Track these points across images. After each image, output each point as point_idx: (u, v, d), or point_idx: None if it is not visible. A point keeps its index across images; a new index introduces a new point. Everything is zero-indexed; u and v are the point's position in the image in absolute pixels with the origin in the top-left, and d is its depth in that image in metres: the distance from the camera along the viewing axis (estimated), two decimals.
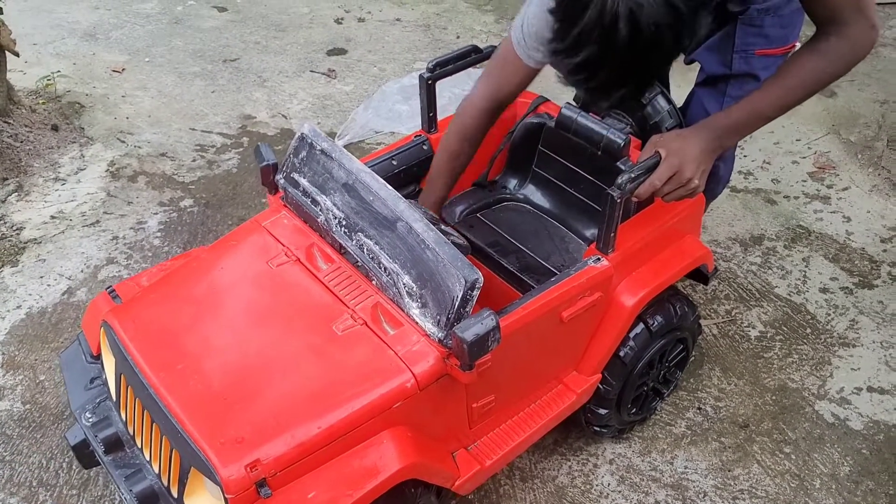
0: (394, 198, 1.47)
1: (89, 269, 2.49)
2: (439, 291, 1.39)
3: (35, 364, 2.19)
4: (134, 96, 3.34)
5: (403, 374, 1.39)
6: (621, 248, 1.64)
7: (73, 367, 1.61)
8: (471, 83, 3.17)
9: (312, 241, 1.59)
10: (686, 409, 2.12)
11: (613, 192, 1.53)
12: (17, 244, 2.58)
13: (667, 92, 1.88)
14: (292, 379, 1.39)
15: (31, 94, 3.25)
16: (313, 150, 1.58)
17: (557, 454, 2.00)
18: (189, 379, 1.37)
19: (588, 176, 1.94)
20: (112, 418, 1.50)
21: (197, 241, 2.60)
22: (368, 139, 3.09)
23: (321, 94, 3.39)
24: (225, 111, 3.26)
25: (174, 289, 1.56)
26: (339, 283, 1.51)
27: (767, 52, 1.81)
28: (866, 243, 2.64)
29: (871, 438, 2.06)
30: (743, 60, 1.82)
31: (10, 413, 2.06)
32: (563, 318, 1.59)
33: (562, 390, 1.76)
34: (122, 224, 2.67)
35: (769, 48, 1.81)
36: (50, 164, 2.91)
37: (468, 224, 1.98)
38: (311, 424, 1.33)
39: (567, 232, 2.00)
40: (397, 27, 3.90)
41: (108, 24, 3.88)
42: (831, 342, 2.31)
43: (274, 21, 3.93)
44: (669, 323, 1.82)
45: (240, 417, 1.33)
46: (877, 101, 3.30)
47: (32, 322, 2.31)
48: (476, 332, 1.31)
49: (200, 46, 3.71)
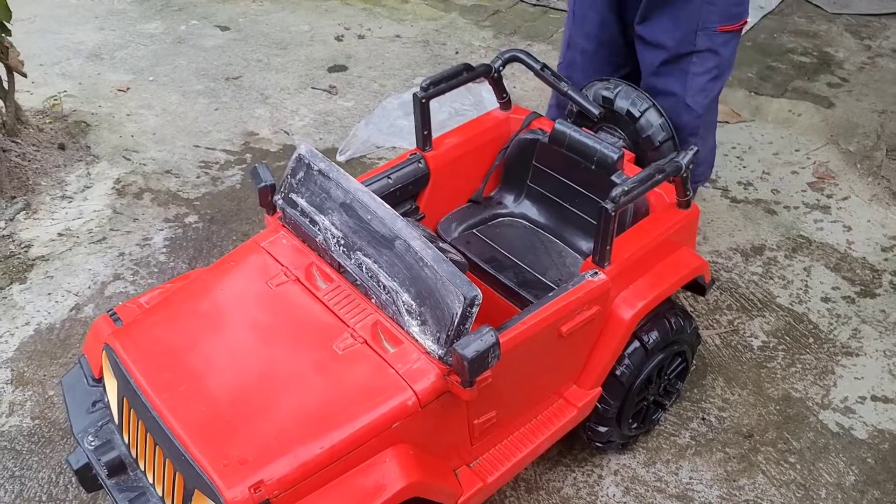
0: (391, 216, 1.49)
1: (96, 285, 2.52)
2: (438, 309, 1.40)
3: (44, 380, 2.21)
4: (139, 115, 3.38)
5: (404, 392, 1.40)
6: (617, 261, 1.65)
7: (74, 390, 1.61)
8: (471, 98, 3.24)
9: (311, 261, 1.60)
10: (690, 420, 2.12)
11: (607, 205, 1.54)
12: (26, 261, 2.61)
13: (658, 105, 1.89)
14: (294, 399, 1.40)
15: (39, 113, 3.29)
16: (311, 171, 1.60)
17: (562, 465, 2.01)
18: (191, 401, 1.38)
19: (582, 190, 1.95)
20: (115, 441, 1.51)
21: (202, 257, 2.63)
22: (370, 154, 3.11)
23: (322, 110, 3.42)
24: (228, 128, 3.29)
25: (175, 310, 1.57)
26: (339, 302, 1.53)
27: (726, 28, 2.04)
28: (867, 252, 2.64)
29: (877, 447, 2.06)
30: (706, 37, 2.03)
31: (19, 428, 2.08)
32: (562, 332, 1.60)
33: (563, 405, 1.77)
34: (128, 240, 2.69)
35: (728, 24, 2.04)
36: (57, 183, 2.94)
37: (465, 241, 1.99)
38: (314, 444, 1.34)
39: (563, 246, 2.01)
40: (397, 43, 3.93)
41: (113, 44, 3.93)
42: (834, 351, 2.31)
43: (275, 39, 3.97)
44: (666, 338, 1.83)
45: (243, 438, 1.34)
46: (875, 111, 3.31)
47: (41, 338, 2.34)
48: (476, 349, 1.32)
49: (203, 65, 3.75)
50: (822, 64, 3.65)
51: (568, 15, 2.34)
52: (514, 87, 3.50)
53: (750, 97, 3.41)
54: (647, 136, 1.91)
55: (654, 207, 1.84)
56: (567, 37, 2.33)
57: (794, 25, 3.96)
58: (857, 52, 3.75)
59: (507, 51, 2.00)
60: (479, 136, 2.05)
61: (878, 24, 3.97)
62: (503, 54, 1.99)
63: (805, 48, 3.75)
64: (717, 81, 2.14)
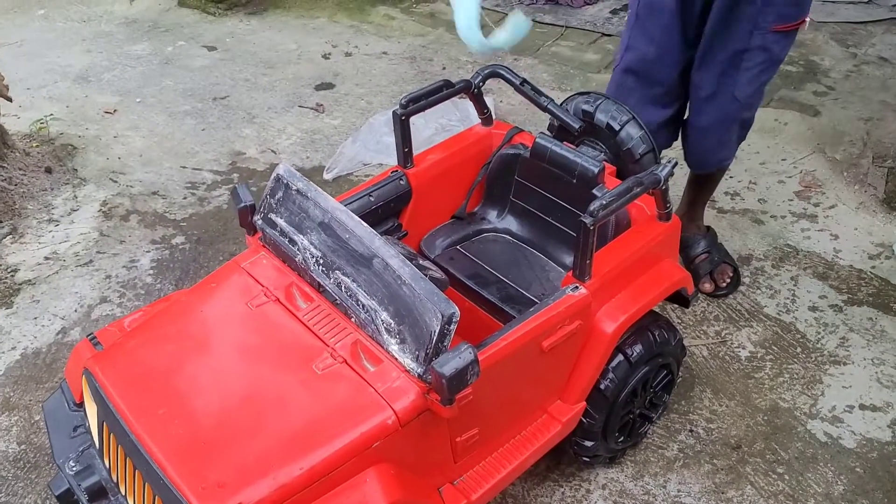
0: (369, 235, 1.49)
1: (83, 308, 2.51)
2: (417, 327, 1.40)
3: (30, 405, 2.20)
4: (126, 136, 3.38)
5: (384, 412, 1.39)
6: (598, 275, 1.65)
7: (56, 415, 1.61)
8: (458, 114, 3.24)
9: (291, 281, 1.60)
10: (678, 432, 2.12)
11: (586, 219, 1.54)
12: (12, 286, 2.61)
13: (638, 118, 1.90)
14: (273, 420, 1.39)
15: (25, 137, 3.29)
16: (289, 191, 1.60)
17: (550, 480, 2.00)
18: (170, 423, 1.37)
19: (565, 204, 1.95)
20: (96, 466, 1.50)
21: (189, 278, 2.62)
22: (357, 172, 3.11)
23: (310, 128, 3.43)
24: (215, 148, 3.30)
25: (155, 333, 1.57)
26: (319, 321, 1.52)
27: (780, 27, 2.07)
28: (854, 260, 2.64)
29: (865, 456, 2.05)
30: (760, 36, 2.07)
31: (5, 454, 2.07)
32: (543, 347, 1.60)
33: (547, 420, 1.76)
34: (114, 263, 2.69)
35: (782, 24, 2.07)
36: (44, 206, 2.94)
37: (448, 257, 1.99)
38: (294, 465, 1.33)
39: (547, 261, 2.01)
40: (384, 60, 3.94)
41: (100, 66, 3.94)
42: (822, 360, 2.31)
43: (262, 58, 3.98)
44: (650, 351, 1.82)
45: (221, 461, 1.33)
46: (861, 119, 3.32)
47: (27, 363, 2.33)
48: (454, 367, 1.32)
49: (191, 85, 3.76)
50: (807, 72, 3.67)
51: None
52: (501, 102, 3.51)
53: None
54: (627, 148, 1.91)
55: (635, 220, 1.85)
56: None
57: None
58: (842, 60, 3.77)
59: (488, 66, 2.01)
60: (461, 151, 2.05)
61: (864, 32, 3.99)
62: (483, 70, 1.99)
63: (791, 57, 3.76)
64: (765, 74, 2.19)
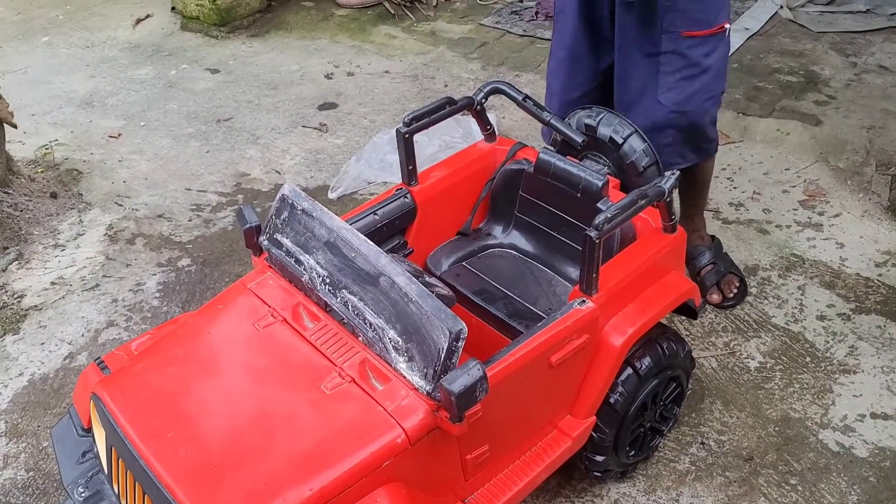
0: (375, 253, 1.49)
1: (90, 332, 2.51)
2: (425, 344, 1.40)
3: (38, 431, 2.20)
4: (130, 160, 3.40)
5: (394, 430, 1.39)
6: (605, 289, 1.65)
7: (64, 441, 1.61)
8: (461, 130, 3.25)
9: (298, 301, 1.60)
10: (689, 445, 2.10)
11: (591, 232, 1.54)
12: (19, 312, 2.61)
13: (641, 132, 1.91)
14: (282, 441, 1.39)
15: (30, 163, 3.31)
16: (294, 210, 1.60)
17: (562, 496, 1.98)
18: (179, 447, 1.37)
19: (570, 218, 1.95)
20: (105, 492, 1.50)
21: (195, 300, 2.63)
22: (361, 190, 3.12)
23: (313, 148, 3.44)
24: (220, 170, 3.31)
25: (162, 356, 1.57)
26: (326, 341, 1.52)
27: (691, 33, 2.04)
28: (861, 268, 2.63)
29: (878, 465, 2.03)
30: (670, 41, 2.04)
31: (13, 481, 2.06)
32: (552, 362, 1.59)
33: (557, 435, 1.75)
34: (121, 286, 2.70)
35: (694, 30, 2.03)
36: (49, 231, 2.95)
37: (454, 273, 1.99)
38: (303, 487, 1.32)
39: (553, 275, 2.00)
40: (386, 79, 3.96)
41: (105, 91, 3.97)
42: (832, 370, 2.29)
43: (265, 80, 4.01)
44: (659, 363, 1.81)
45: (230, 484, 1.33)
46: (863, 127, 3.32)
47: (35, 389, 2.33)
48: (463, 384, 1.31)
49: (194, 108, 3.78)
50: (808, 82, 3.67)
51: None
52: (504, 118, 3.52)
53: (738, 118, 3.42)
54: (630, 161, 1.91)
55: (640, 233, 1.84)
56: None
57: (779, 45, 3.99)
58: (842, 69, 3.77)
59: (490, 83, 2.02)
60: (465, 168, 2.06)
61: (864, 41, 4.00)
62: (485, 86, 2.00)
63: (791, 67, 3.78)
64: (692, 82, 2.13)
